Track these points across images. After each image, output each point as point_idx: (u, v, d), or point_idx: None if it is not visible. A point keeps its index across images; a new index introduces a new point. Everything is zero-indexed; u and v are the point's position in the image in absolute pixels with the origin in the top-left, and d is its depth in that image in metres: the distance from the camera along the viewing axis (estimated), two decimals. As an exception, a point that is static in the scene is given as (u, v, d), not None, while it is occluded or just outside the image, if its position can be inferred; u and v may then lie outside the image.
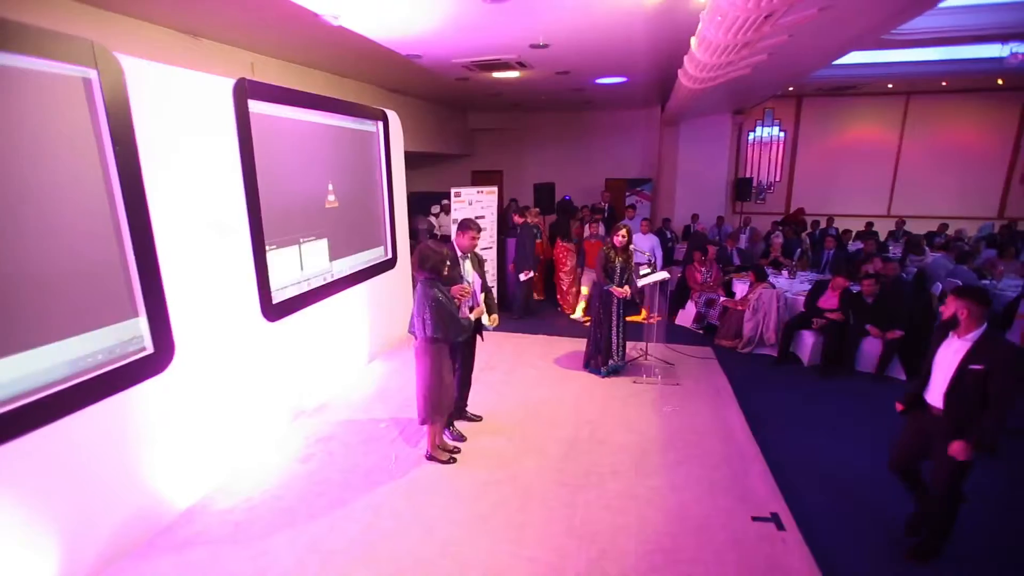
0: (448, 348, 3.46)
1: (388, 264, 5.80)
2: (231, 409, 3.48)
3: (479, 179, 12.99)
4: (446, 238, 7.27)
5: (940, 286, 6.44)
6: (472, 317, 3.58)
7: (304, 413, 4.24)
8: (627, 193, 12.00)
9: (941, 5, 4.51)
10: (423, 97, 9.80)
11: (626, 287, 4.92)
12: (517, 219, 7.38)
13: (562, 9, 4.45)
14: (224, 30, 4.97)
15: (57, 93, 2.43)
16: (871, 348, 5.51)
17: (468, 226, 3.78)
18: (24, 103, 2.26)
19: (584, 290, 7.12)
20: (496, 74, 7.23)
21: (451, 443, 3.76)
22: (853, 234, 9.34)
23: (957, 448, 2.53)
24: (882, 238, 9.41)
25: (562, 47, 5.75)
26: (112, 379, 2.68)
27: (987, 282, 6.41)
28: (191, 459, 3.15)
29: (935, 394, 2.69)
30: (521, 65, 6.67)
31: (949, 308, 2.66)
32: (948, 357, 2.64)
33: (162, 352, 2.97)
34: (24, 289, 2.27)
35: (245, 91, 3.57)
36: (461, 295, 3.43)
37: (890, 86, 10.42)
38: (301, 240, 4.25)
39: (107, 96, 2.62)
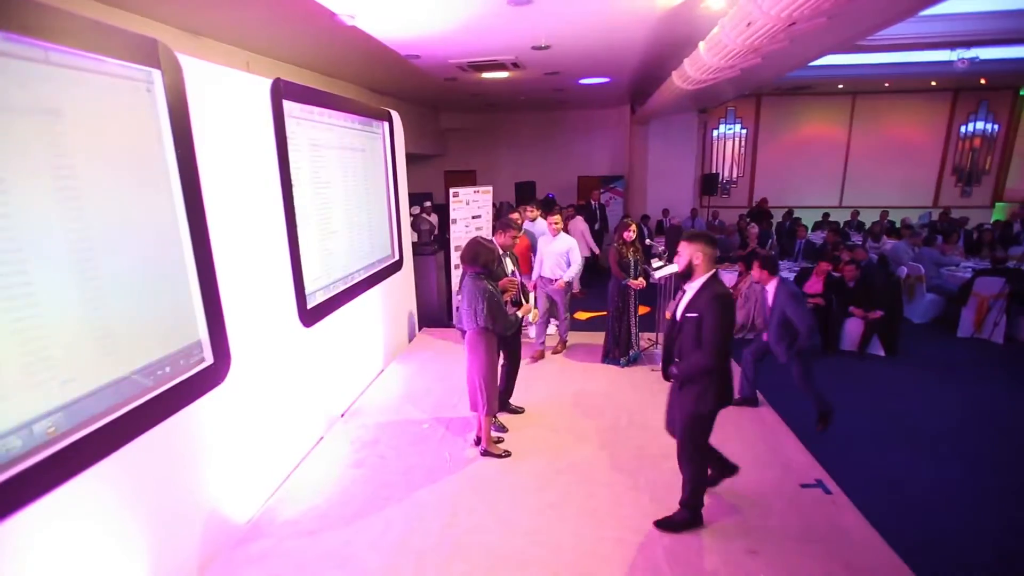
0: (496, 340, 3.52)
1: (396, 266, 5.77)
2: (277, 418, 3.40)
3: (452, 179, 12.97)
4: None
5: (905, 270, 7.06)
6: (520, 315, 3.66)
7: (341, 419, 4.18)
8: (601, 190, 12.32)
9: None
10: (397, 96, 9.70)
11: (641, 279, 5.13)
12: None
13: (573, 11, 4.59)
14: (224, 28, 4.79)
15: (123, 95, 2.32)
16: (853, 328, 5.99)
17: (509, 225, 3.87)
18: (93, 106, 2.15)
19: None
20: (487, 74, 7.29)
21: (495, 434, 3.82)
22: (812, 224, 10.04)
23: (683, 400, 2.69)
24: (835, 227, 10.16)
25: (562, 49, 5.89)
26: (179, 394, 2.58)
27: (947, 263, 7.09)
28: (247, 471, 3.07)
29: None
30: (515, 66, 6.77)
31: (683, 256, 2.63)
32: (679, 309, 2.71)
33: (221, 363, 2.88)
34: (107, 305, 2.17)
35: (280, 91, 3.50)
36: (510, 287, 3.52)
37: (840, 86, 11.25)
38: (324, 243, 4.19)
39: (169, 98, 2.52)
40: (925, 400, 4.77)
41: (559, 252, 5.25)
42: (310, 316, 3.85)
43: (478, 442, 3.69)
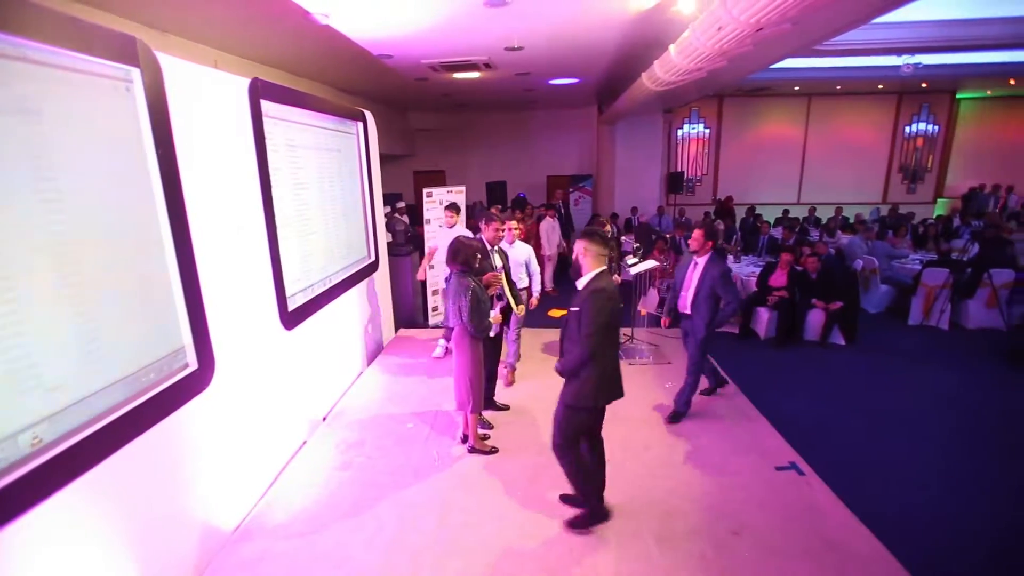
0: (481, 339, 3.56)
1: (373, 267, 5.72)
2: (261, 422, 3.35)
3: (422, 180, 12.90)
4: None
5: (860, 263, 7.45)
6: (492, 320, 3.65)
7: (323, 422, 4.14)
8: (570, 189, 12.50)
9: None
10: (366, 95, 9.60)
11: (616, 276, 5.25)
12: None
13: (547, 13, 4.67)
14: (192, 25, 4.66)
15: (101, 94, 2.25)
16: (815, 320, 6.29)
17: (491, 218, 3.91)
18: (71, 105, 2.08)
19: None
20: (458, 75, 7.31)
21: (481, 431, 3.86)
22: (773, 220, 10.46)
23: (563, 392, 2.76)
24: (794, 225, 10.61)
25: (535, 50, 5.97)
26: (164, 400, 2.52)
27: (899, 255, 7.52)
28: (233, 477, 3.02)
29: None
30: (487, 66, 6.81)
31: (577, 251, 2.70)
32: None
33: (205, 368, 2.82)
34: (91, 311, 2.11)
35: (258, 91, 3.44)
36: (494, 281, 3.56)
37: (796, 88, 11.74)
38: (303, 244, 4.13)
39: (149, 97, 2.46)
40: (883, 384, 5.06)
41: (517, 262, 4.65)
42: (291, 319, 3.80)
43: (465, 439, 3.72)
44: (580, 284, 2.69)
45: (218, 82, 3.09)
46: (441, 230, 6.83)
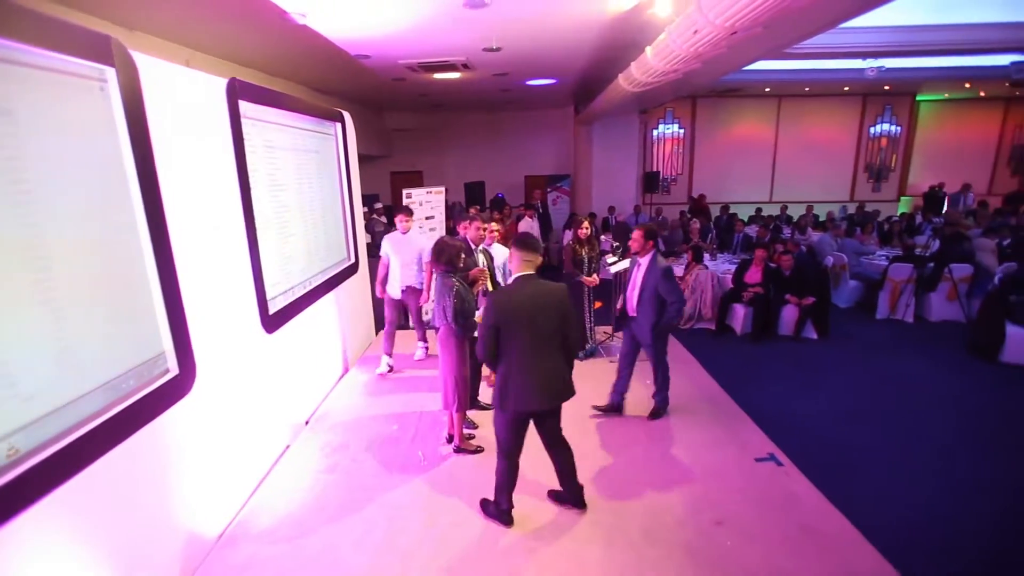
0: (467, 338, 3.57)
1: (352, 268, 5.68)
2: (244, 427, 3.30)
3: (399, 180, 12.82)
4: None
5: (831, 259, 7.69)
6: (477, 319, 3.68)
7: (306, 426, 4.09)
8: (548, 189, 12.58)
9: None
10: (341, 96, 9.50)
11: (595, 275, 5.32)
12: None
13: (526, 14, 4.71)
14: (163, 23, 4.55)
15: (75, 93, 2.20)
16: (789, 315, 6.48)
17: (471, 218, 3.94)
18: (44, 106, 2.02)
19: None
20: (437, 75, 7.30)
21: (466, 431, 3.87)
22: (747, 219, 10.72)
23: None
24: (768, 223, 10.90)
25: (513, 50, 6.00)
26: (144, 407, 2.47)
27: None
28: (216, 483, 2.96)
29: None
30: (466, 67, 6.82)
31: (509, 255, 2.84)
32: None
33: (186, 373, 2.77)
34: (68, 317, 2.06)
35: (236, 91, 3.39)
36: (480, 276, 3.58)
37: (767, 90, 12.05)
38: (282, 247, 4.08)
39: (125, 97, 2.41)
40: (854, 376, 5.25)
41: (497, 265, 4.44)
42: (272, 322, 3.75)
43: (451, 439, 3.73)
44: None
45: (195, 82, 3.04)
46: (421, 231, 6.82)
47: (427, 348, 5.52)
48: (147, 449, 2.48)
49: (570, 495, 3.05)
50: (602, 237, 9.72)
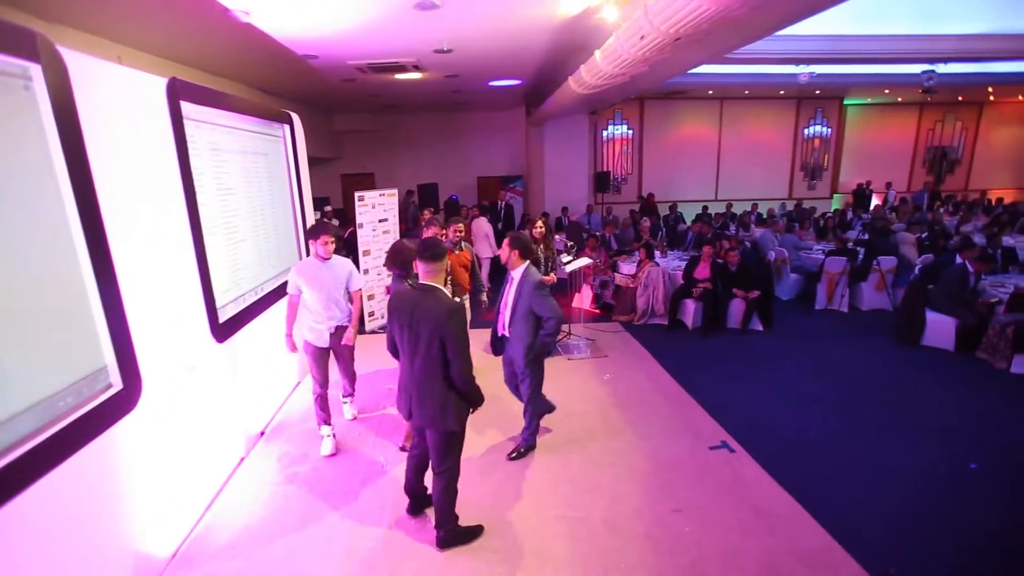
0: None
1: (305, 273, 5.52)
2: (195, 441, 3.16)
3: (350, 183, 12.55)
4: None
5: (773, 254, 8.11)
6: None
7: (263, 437, 3.96)
8: (501, 190, 12.63)
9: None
10: (288, 96, 9.22)
11: (552, 274, 5.40)
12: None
13: (477, 16, 4.73)
14: (91, 17, 4.29)
15: (-1, 93, 2.05)
16: (736, 308, 6.78)
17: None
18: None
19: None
20: (388, 76, 7.20)
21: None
22: (694, 217, 11.14)
23: None
24: (714, 221, 11.37)
25: (464, 52, 6.01)
26: (85, 425, 2.33)
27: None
28: (167, 501, 2.83)
29: None
30: (416, 68, 6.77)
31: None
32: None
33: (131, 387, 2.63)
34: None
35: (177, 91, 3.24)
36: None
37: (710, 92, 12.55)
38: (231, 252, 3.94)
39: (53, 97, 2.27)
40: (797, 364, 5.55)
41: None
42: (222, 330, 3.61)
43: (404, 449, 3.68)
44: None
45: (132, 81, 2.89)
46: (375, 235, 6.70)
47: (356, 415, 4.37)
48: (92, 468, 2.35)
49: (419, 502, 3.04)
50: (556, 237, 9.85)
